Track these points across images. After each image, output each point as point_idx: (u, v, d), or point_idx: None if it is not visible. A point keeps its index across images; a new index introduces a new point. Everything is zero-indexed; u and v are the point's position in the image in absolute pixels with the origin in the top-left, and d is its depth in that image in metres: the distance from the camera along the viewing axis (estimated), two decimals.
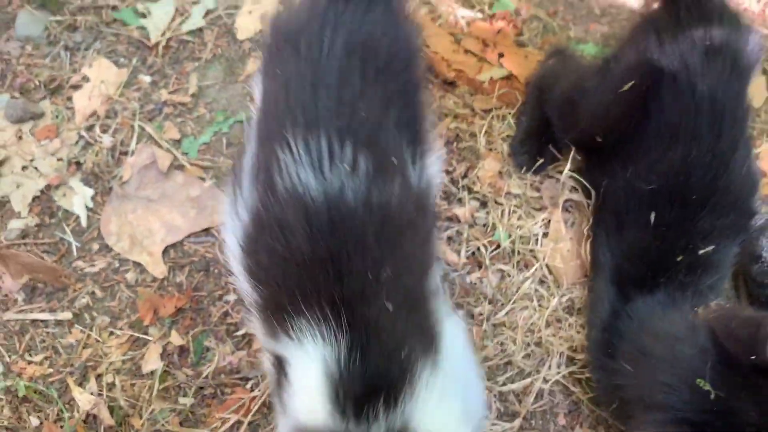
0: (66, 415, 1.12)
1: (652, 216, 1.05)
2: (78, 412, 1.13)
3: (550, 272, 1.23)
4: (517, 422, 1.13)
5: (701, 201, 1.04)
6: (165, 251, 1.25)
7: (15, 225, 1.26)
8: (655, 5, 1.15)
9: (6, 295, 1.22)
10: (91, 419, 1.13)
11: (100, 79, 1.39)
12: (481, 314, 1.19)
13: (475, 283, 1.22)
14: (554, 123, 1.23)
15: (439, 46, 1.42)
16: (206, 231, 1.27)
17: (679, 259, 1.04)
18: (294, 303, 0.79)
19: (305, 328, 0.79)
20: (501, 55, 1.41)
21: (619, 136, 1.11)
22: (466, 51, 1.43)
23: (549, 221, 1.26)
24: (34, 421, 1.12)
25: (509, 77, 1.39)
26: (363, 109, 0.86)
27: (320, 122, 0.83)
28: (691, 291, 1.04)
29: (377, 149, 0.85)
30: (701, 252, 1.04)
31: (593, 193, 1.19)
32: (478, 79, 1.38)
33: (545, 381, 1.15)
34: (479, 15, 1.47)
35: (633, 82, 1.06)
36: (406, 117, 0.93)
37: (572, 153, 1.24)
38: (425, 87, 1.04)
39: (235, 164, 0.93)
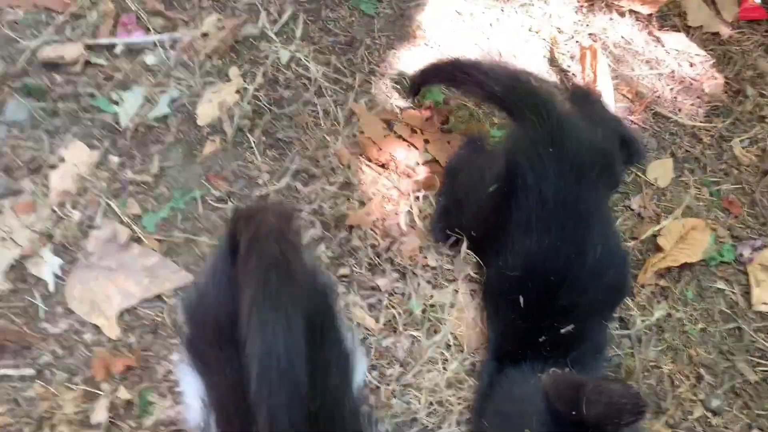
0: None
1: (521, 299, 1.21)
2: None
3: (455, 338, 1.38)
4: None
5: (558, 283, 1.20)
6: (120, 315, 1.43)
7: None
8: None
9: None
10: None
11: (74, 160, 1.59)
12: (391, 375, 1.34)
13: (389, 347, 1.38)
14: (451, 210, 1.41)
15: (373, 132, 1.60)
16: (158, 297, 1.45)
17: (542, 339, 1.20)
18: None
19: None
20: (427, 141, 1.60)
21: (491, 229, 1.28)
22: (398, 137, 1.62)
23: (457, 292, 1.42)
24: None
25: (432, 162, 1.57)
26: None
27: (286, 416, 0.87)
28: (551, 363, 1.19)
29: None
30: (563, 330, 1.20)
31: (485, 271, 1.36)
32: (404, 162, 1.56)
33: None
34: (411, 104, 1.65)
35: (497, 184, 1.25)
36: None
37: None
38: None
39: None
